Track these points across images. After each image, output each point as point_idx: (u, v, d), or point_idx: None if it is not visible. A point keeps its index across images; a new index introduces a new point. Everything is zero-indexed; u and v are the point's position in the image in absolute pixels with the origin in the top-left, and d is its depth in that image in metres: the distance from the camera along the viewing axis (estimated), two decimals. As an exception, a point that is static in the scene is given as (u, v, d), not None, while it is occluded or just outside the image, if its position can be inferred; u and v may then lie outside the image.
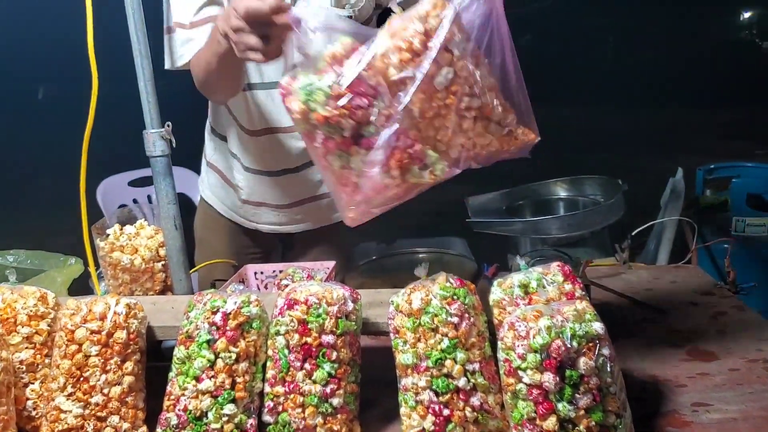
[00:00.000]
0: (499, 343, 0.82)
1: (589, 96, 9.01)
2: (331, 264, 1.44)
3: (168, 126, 1.25)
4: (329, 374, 0.97)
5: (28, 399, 1.08)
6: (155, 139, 1.25)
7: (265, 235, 1.67)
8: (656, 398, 1.00)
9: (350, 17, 1.38)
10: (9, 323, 1.10)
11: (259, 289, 1.48)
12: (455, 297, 0.96)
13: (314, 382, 0.97)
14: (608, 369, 0.77)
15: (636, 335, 1.20)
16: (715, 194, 2.40)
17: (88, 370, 1.02)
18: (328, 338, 0.98)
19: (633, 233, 1.53)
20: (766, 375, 1.02)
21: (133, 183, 2.58)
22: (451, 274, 1.00)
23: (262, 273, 1.49)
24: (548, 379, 0.76)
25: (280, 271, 1.44)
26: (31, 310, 1.11)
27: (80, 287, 1.57)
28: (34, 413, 1.08)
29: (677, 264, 1.54)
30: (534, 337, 0.77)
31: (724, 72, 8.82)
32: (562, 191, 2.26)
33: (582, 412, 0.76)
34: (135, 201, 2.50)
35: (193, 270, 1.45)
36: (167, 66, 1.34)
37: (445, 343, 0.93)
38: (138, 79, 1.23)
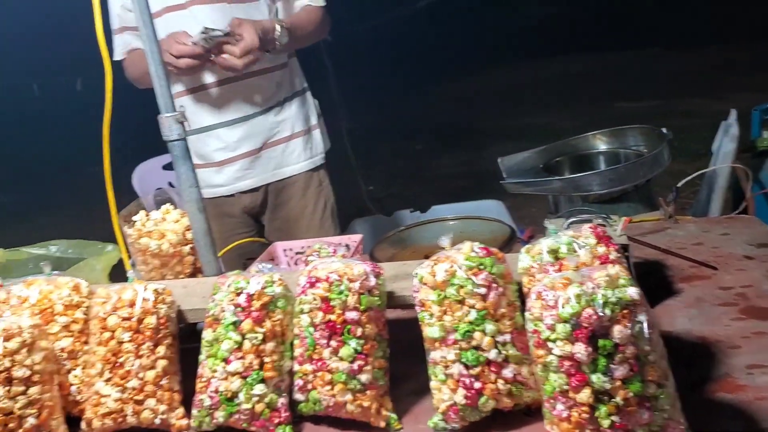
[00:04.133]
0: (526, 313, 0.77)
1: (631, 38, 8.55)
2: (358, 237, 1.41)
3: (182, 108, 1.22)
4: (355, 351, 0.95)
5: (71, 384, 1.11)
6: (171, 123, 1.23)
7: (229, 208, 1.83)
8: (707, 362, 0.93)
9: None
10: (47, 314, 1.12)
11: (289, 265, 1.47)
12: (481, 267, 0.91)
13: (341, 359, 0.95)
14: (646, 336, 0.71)
15: (684, 294, 1.13)
16: (772, 136, 2.23)
17: (123, 356, 1.04)
18: (351, 315, 0.95)
19: (679, 185, 1.43)
20: (828, 331, 0.94)
21: (168, 166, 2.60)
22: (477, 242, 0.95)
23: (291, 249, 1.48)
24: (580, 349, 0.71)
25: (309, 247, 1.42)
26: (65, 300, 1.13)
27: (120, 273, 1.60)
28: (78, 397, 1.10)
29: (730, 215, 1.44)
30: (563, 307, 0.72)
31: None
32: (602, 144, 2.13)
33: (619, 383, 0.70)
34: (170, 184, 2.52)
35: (223, 251, 1.45)
36: None
37: (473, 315, 0.89)
38: (149, 65, 1.21)
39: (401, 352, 1.01)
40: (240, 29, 1.58)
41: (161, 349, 1.07)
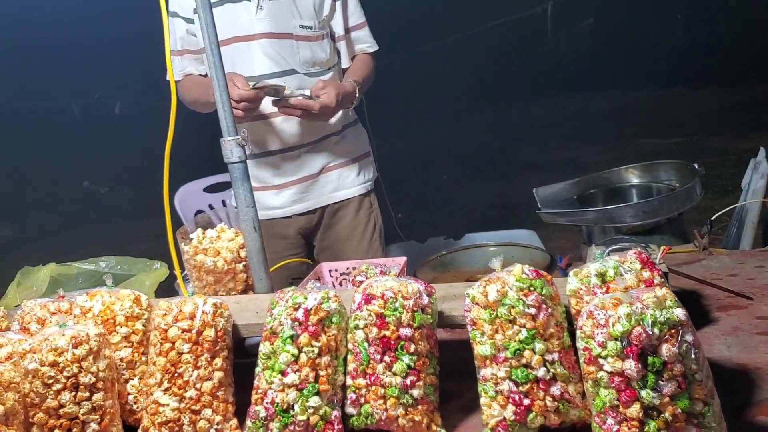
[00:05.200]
0: (578, 332, 0.82)
1: (661, 77, 8.62)
2: (402, 260, 1.47)
3: (244, 132, 1.31)
4: (408, 366, 1.00)
5: (129, 394, 1.16)
6: (232, 146, 1.31)
7: (284, 229, 1.89)
8: (746, 388, 0.97)
9: (309, 27, 1.75)
10: (109, 324, 1.18)
11: (334, 285, 1.53)
12: (532, 288, 0.96)
13: (394, 374, 1.00)
14: (693, 355, 0.76)
15: (721, 323, 1.16)
16: (803, 173, 2.26)
17: (182, 367, 1.09)
18: (405, 331, 1.01)
19: (713, 218, 1.48)
20: None
21: (208, 189, 2.71)
22: (527, 265, 1.00)
23: (336, 270, 1.54)
24: (630, 366, 0.75)
25: (354, 268, 1.48)
26: (127, 312, 1.19)
27: (165, 290, 1.67)
28: (135, 407, 1.16)
29: (764, 248, 1.47)
30: (614, 325, 0.77)
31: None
32: (634, 178, 2.19)
33: (667, 399, 0.75)
34: (210, 206, 2.62)
35: (272, 269, 1.51)
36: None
37: (524, 333, 0.94)
38: (214, 90, 1.30)
39: (448, 372, 1.06)
40: (322, 92, 1.67)
41: (218, 361, 1.12)
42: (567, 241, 3.53)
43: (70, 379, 1.06)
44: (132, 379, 1.17)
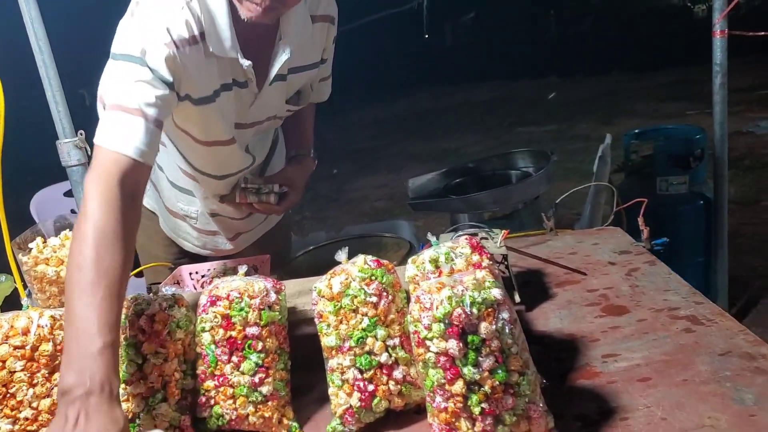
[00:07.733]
0: (408, 316, 0.86)
1: (530, 68, 9.18)
2: (265, 258, 1.45)
3: (81, 134, 1.23)
4: (256, 364, 0.99)
5: (-45, 423, 1.06)
6: (69, 149, 1.23)
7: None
8: (572, 356, 1.06)
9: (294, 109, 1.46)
10: (-73, 348, 1.07)
11: (195, 288, 1.49)
12: (373, 277, 0.99)
13: (242, 373, 0.99)
14: (508, 331, 0.81)
15: (558, 298, 1.26)
16: (640, 158, 2.50)
17: (14, 386, 1.02)
18: (252, 330, 1.00)
19: (557, 201, 1.59)
20: (669, 322, 1.09)
21: (70, 193, 2.52)
22: (369, 256, 1.03)
23: (197, 273, 1.49)
24: (452, 345, 0.80)
25: (214, 269, 1.45)
26: (-51, 332, 1.09)
27: (13, 305, 1.54)
28: (-37, 437, 1.06)
29: (600, 227, 1.61)
30: (437, 308, 0.80)
31: (659, 37, 9.09)
32: (497, 166, 2.31)
33: (486, 373, 0.80)
34: (73, 211, 2.45)
35: (133, 272, 1.44)
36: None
37: (365, 322, 0.96)
38: (45, 90, 1.21)
39: (305, 366, 1.07)
40: (292, 186, 1.45)
41: (57, 377, 1.05)
42: (445, 229, 3.66)
43: None
44: (-40, 406, 1.07)
